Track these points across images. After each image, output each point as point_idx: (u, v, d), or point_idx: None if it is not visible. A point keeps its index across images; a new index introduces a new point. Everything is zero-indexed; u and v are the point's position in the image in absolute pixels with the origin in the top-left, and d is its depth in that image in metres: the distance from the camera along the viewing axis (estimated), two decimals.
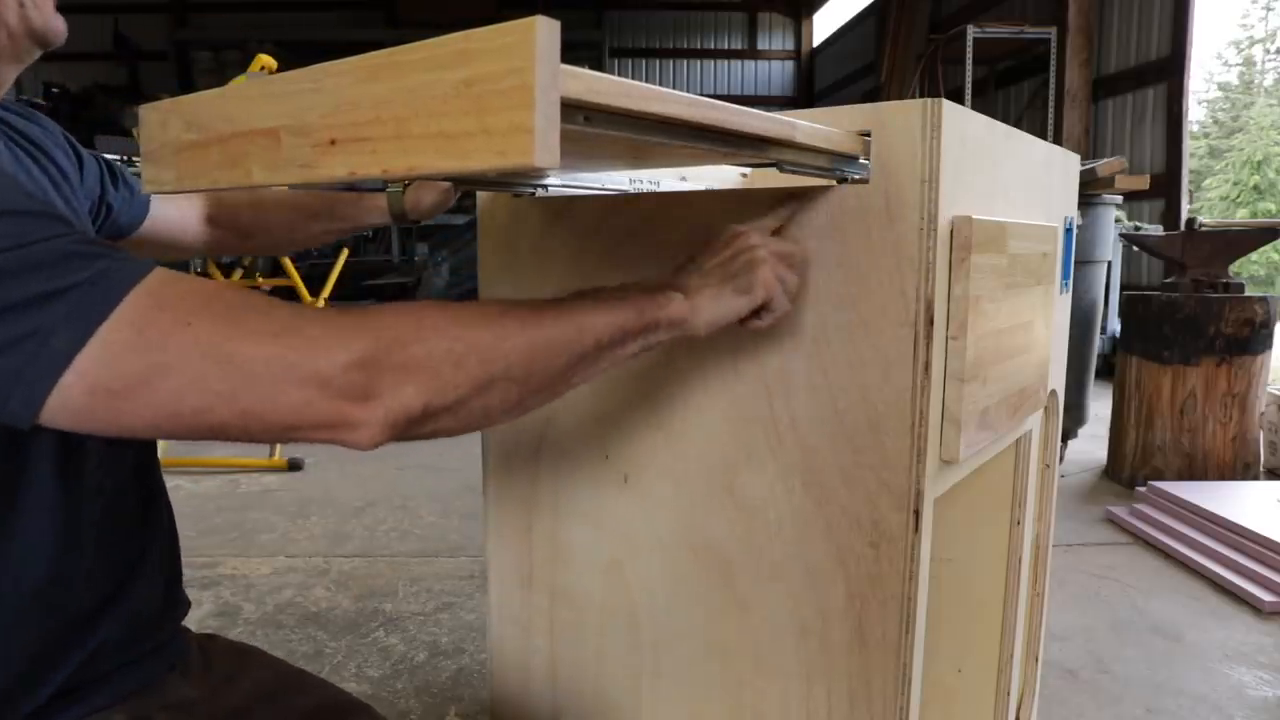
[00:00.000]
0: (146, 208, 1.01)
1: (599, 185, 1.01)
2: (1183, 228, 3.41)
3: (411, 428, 0.55)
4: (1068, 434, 3.47)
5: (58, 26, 0.77)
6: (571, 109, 0.46)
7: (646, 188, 1.05)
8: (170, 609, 0.86)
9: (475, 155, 0.45)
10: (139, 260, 0.55)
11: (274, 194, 1.11)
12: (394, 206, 1.08)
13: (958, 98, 5.27)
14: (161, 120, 0.67)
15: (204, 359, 0.51)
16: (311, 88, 0.54)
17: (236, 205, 1.09)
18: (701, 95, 0.54)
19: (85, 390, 0.50)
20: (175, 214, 1.04)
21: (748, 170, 1.15)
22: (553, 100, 0.43)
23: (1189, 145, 5.56)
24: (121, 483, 0.79)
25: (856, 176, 0.74)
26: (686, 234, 0.84)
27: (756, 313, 0.72)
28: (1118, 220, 4.14)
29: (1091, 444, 3.68)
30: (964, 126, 0.76)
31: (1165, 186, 5.38)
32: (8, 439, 0.67)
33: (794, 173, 0.71)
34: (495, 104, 0.44)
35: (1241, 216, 13.25)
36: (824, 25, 11.40)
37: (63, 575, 0.72)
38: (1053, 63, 6.11)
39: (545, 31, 0.42)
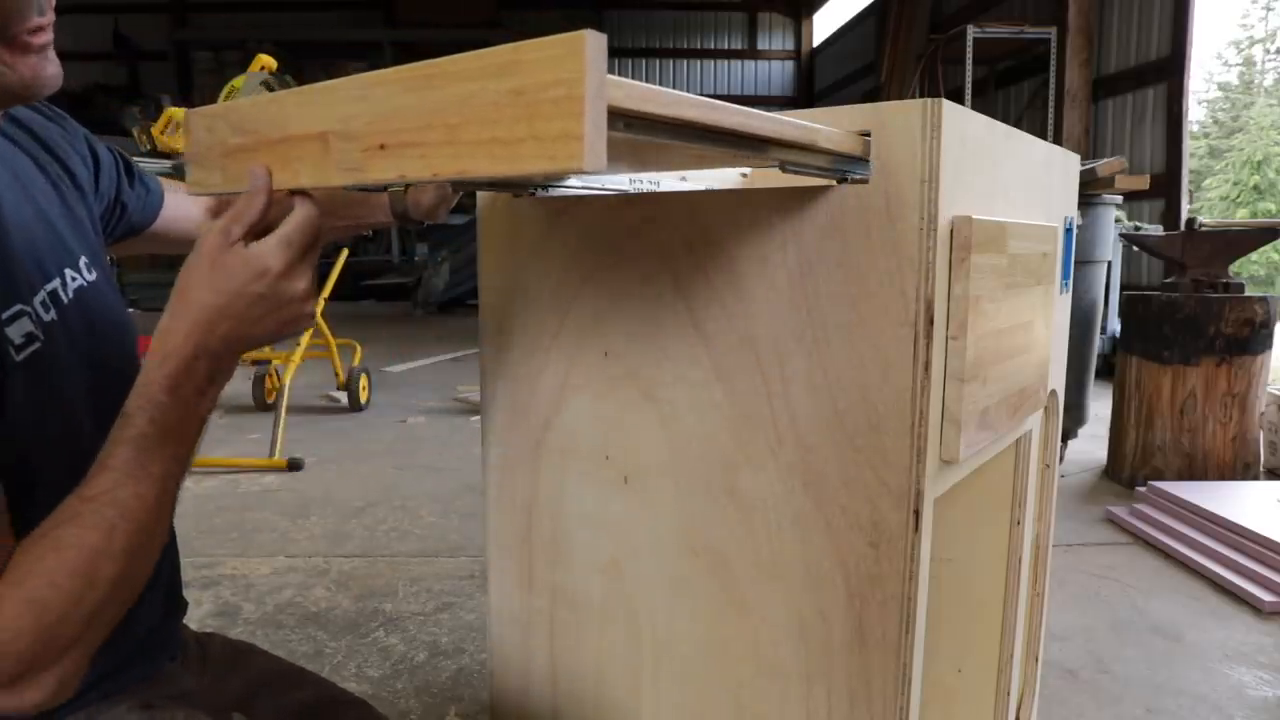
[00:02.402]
0: (160, 204, 1.01)
1: (599, 185, 1.01)
2: (1183, 228, 3.41)
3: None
4: (1068, 434, 3.47)
5: (44, 80, 0.69)
6: (613, 116, 0.48)
7: (646, 188, 1.05)
8: (170, 609, 0.87)
9: (525, 160, 0.47)
10: None
11: (278, 192, 1.11)
12: (395, 205, 1.08)
13: (958, 98, 5.27)
14: (208, 125, 0.70)
15: None
16: (359, 95, 0.56)
17: None
18: (702, 95, 0.54)
19: None
20: (185, 211, 1.05)
21: (748, 170, 1.15)
22: (600, 108, 0.45)
23: (1189, 145, 5.56)
24: None
25: (856, 176, 0.74)
26: (686, 234, 0.84)
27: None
28: (1118, 220, 4.14)
29: (1091, 444, 3.68)
30: (964, 126, 0.76)
31: (1165, 186, 5.38)
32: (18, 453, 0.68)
33: (797, 173, 0.71)
34: (546, 112, 0.46)
35: (1241, 216, 13.25)
36: (824, 25, 11.40)
37: None
38: (1053, 63, 6.11)
39: (594, 44, 0.45)
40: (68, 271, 0.77)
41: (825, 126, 0.69)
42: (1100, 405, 3.63)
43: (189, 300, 0.66)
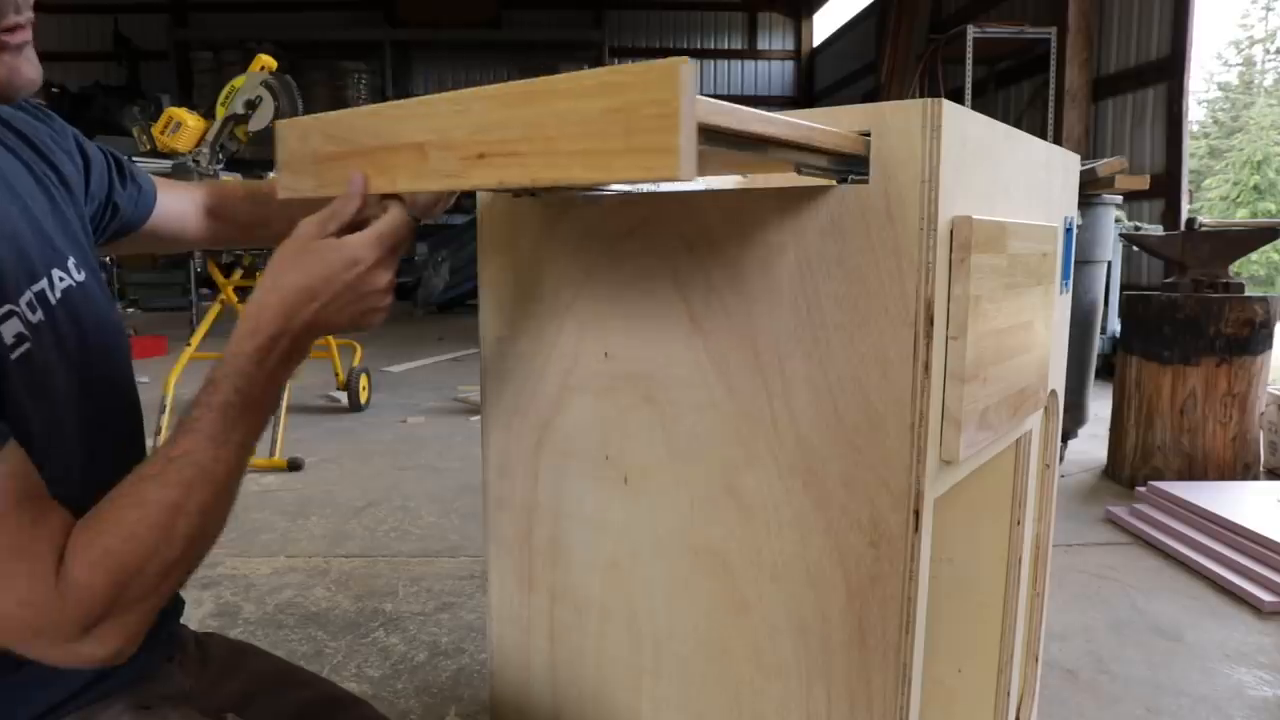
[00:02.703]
0: (153, 203, 1.00)
1: (599, 185, 1.01)
2: (1183, 228, 3.41)
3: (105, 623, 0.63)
4: (1068, 434, 3.47)
5: (21, 80, 0.69)
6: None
7: (647, 188, 1.05)
8: (167, 607, 0.86)
9: (621, 170, 0.54)
10: None
11: (271, 186, 1.11)
12: None
13: (958, 98, 5.27)
14: (301, 134, 0.76)
15: None
16: (458, 109, 0.62)
17: (236, 198, 1.08)
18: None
19: None
20: (178, 209, 1.04)
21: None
22: (692, 125, 0.52)
23: (1189, 145, 5.56)
24: (117, 469, 0.79)
25: (857, 176, 0.74)
26: (686, 234, 0.84)
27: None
28: (1118, 220, 4.14)
29: (1091, 444, 3.68)
30: (964, 126, 0.76)
31: (1165, 186, 5.37)
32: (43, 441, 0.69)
33: (810, 174, 0.72)
34: (643, 127, 0.52)
35: (1241, 216, 13.24)
36: (824, 25, 11.39)
37: None
38: (1053, 63, 6.11)
39: (687, 70, 0.52)
40: (55, 272, 0.76)
41: (825, 126, 0.69)
42: (1100, 405, 3.63)
43: (281, 282, 0.70)
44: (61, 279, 0.77)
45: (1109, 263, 3.78)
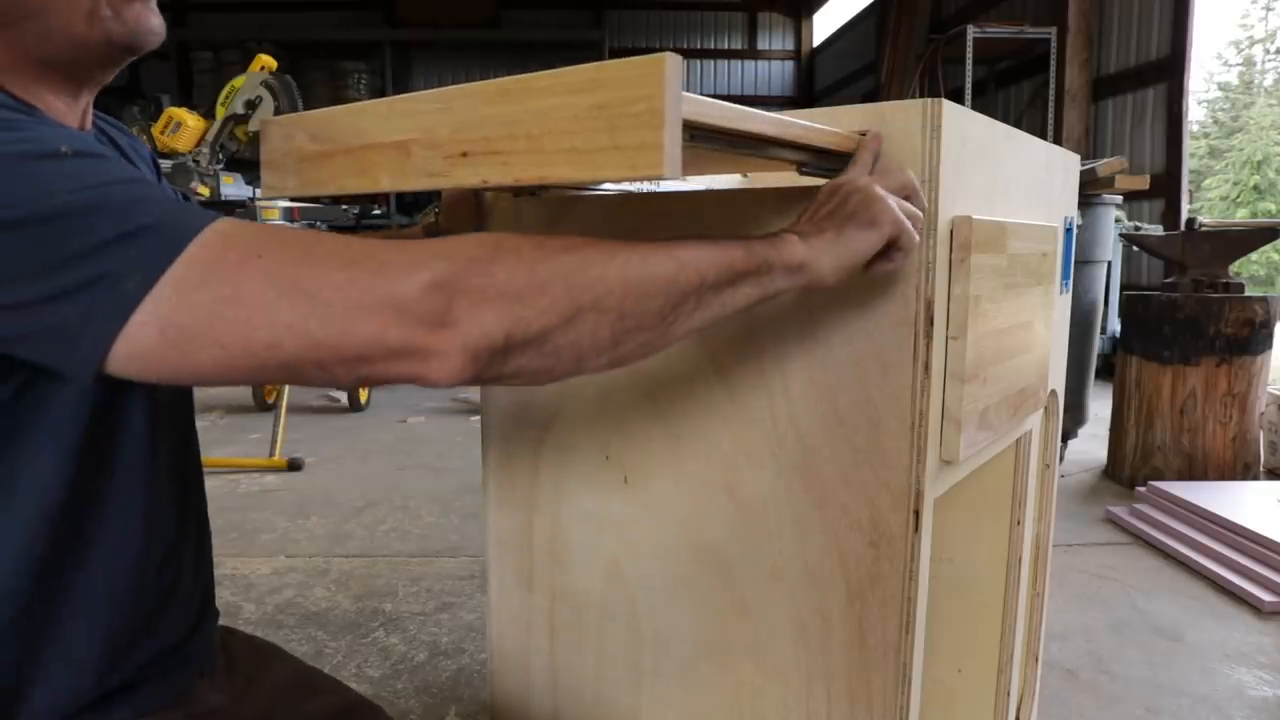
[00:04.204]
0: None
1: (599, 185, 1.01)
2: (1183, 228, 3.41)
3: (494, 361, 0.51)
4: (1068, 434, 3.47)
5: (147, 29, 0.67)
6: (684, 128, 0.53)
7: (647, 188, 1.05)
8: (205, 613, 0.85)
9: (605, 168, 0.52)
10: (205, 210, 0.54)
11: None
12: (431, 235, 1.05)
13: (958, 98, 5.27)
14: (285, 133, 0.75)
15: (273, 288, 0.49)
16: (441, 107, 0.61)
17: None
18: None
19: (156, 330, 0.49)
20: None
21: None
22: (677, 122, 0.51)
23: (1189, 145, 5.56)
24: (176, 475, 0.78)
25: None
26: (686, 234, 0.84)
27: (885, 252, 0.67)
28: (1118, 220, 4.14)
29: (1091, 444, 3.68)
30: (964, 126, 0.76)
31: (1165, 186, 5.37)
32: (102, 419, 0.66)
33: (812, 174, 0.72)
34: (627, 124, 0.51)
35: (1241, 216, 13.24)
36: (824, 25, 11.39)
37: (133, 563, 0.71)
38: (1053, 63, 6.11)
39: (672, 65, 0.50)
40: None
41: (825, 126, 0.69)
42: (1100, 405, 3.63)
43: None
44: None
45: (1109, 263, 3.78)
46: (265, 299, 0.49)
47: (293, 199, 3.85)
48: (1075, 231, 1.25)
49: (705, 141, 0.57)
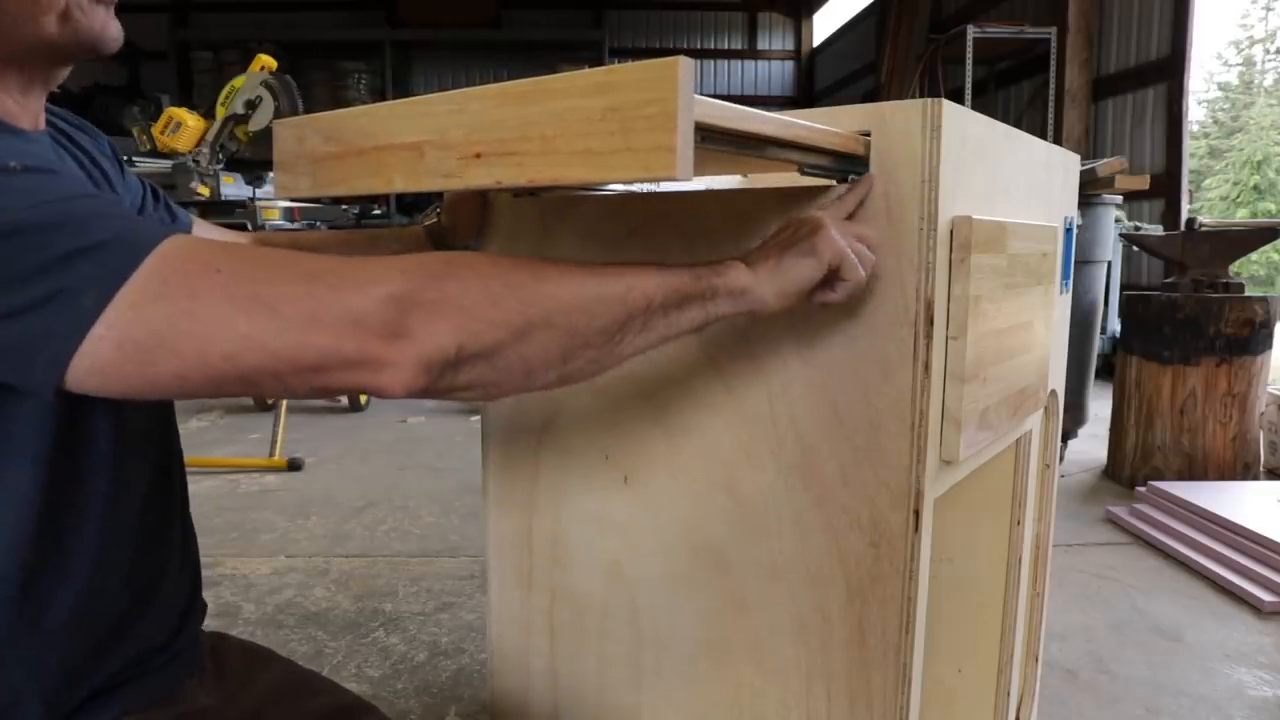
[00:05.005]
0: (187, 234, 0.99)
1: (597, 185, 1.01)
2: (1183, 228, 3.41)
3: (446, 373, 0.53)
4: (1068, 434, 3.47)
5: (111, 34, 0.70)
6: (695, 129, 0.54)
7: (647, 188, 1.05)
8: (191, 610, 0.86)
9: (619, 169, 0.53)
10: (161, 225, 0.55)
11: (315, 236, 1.09)
12: (434, 235, 1.04)
13: (958, 98, 5.27)
14: (298, 135, 0.76)
15: (231, 302, 0.51)
16: (454, 109, 0.62)
17: (279, 247, 1.06)
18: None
19: (114, 344, 0.49)
20: None
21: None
22: (689, 124, 0.52)
23: (1189, 145, 5.56)
24: (153, 479, 0.78)
25: (856, 176, 0.74)
26: (686, 234, 0.84)
27: (829, 282, 0.70)
28: (1118, 220, 4.14)
29: (1091, 444, 3.68)
30: (964, 126, 0.76)
31: (1165, 186, 5.37)
32: (69, 428, 0.66)
33: (812, 174, 0.72)
34: (640, 126, 0.52)
35: (1241, 216, 13.23)
36: (824, 25, 11.38)
37: (107, 569, 0.72)
38: (1053, 63, 6.11)
39: (685, 69, 0.51)
40: None
41: (825, 126, 0.69)
42: (1100, 405, 3.63)
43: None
44: None
45: (1109, 263, 3.78)
46: (223, 312, 0.50)
47: (305, 199, 3.85)
48: (1075, 231, 1.25)
49: (714, 143, 0.58)
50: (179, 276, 0.51)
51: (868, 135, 0.73)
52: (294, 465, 3.47)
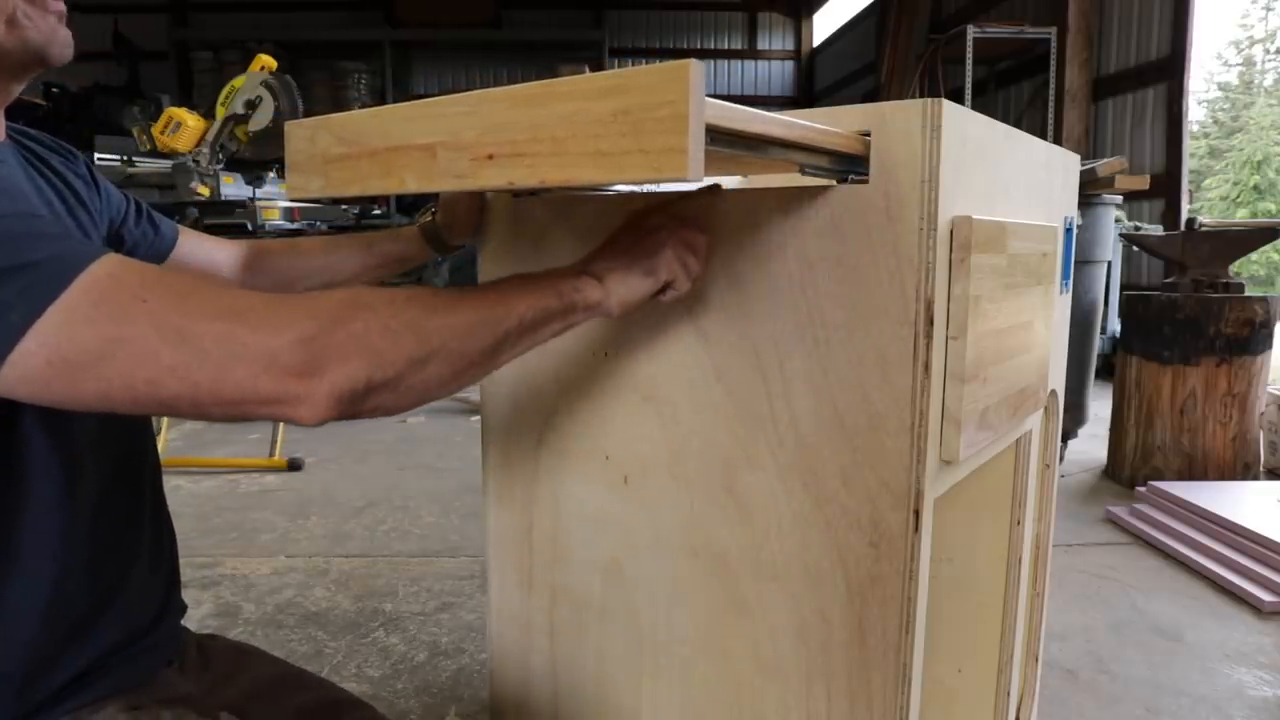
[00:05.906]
0: (171, 247, 1.00)
1: (606, 186, 1.01)
2: (1183, 228, 3.41)
3: (355, 403, 0.58)
4: (1068, 434, 3.47)
5: (60, 41, 0.72)
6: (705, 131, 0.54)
7: (648, 188, 1.05)
8: (167, 608, 0.87)
9: (630, 170, 0.54)
10: (94, 245, 0.58)
11: (308, 241, 1.10)
12: (429, 234, 1.05)
13: (958, 98, 5.27)
14: (310, 135, 0.77)
15: (158, 334, 0.54)
16: (467, 111, 0.63)
17: (276, 253, 1.07)
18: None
19: (44, 360, 0.53)
20: (207, 259, 1.03)
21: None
22: (700, 126, 0.53)
23: (1189, 145, 5.56)
24: (116, 481, 0.80)
25: (857, 176, 0.74)
26: None
27: (661, 290, 0.78)
28: (1118, 220, 4.14)
29: (1091, 444, 3.68)
30: (964, 126, 0.76)
31: (1165, 186, 5.37)
32: (7, 438, 0.67)
33: (812, 174, 0.72)
34: (651, 128, 0.53)
35: (1241, 216, 13.23)
36: (824, 25, 11.38)
37: (67, 569, 0.73)
38: (1053, 63, 6.11)
39: (696, 71, 0.52)
40: None
41: (825, 126, 0.69)
42: (1100, 405, 3.63)
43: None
44: None
45: (1109, 263, 3.78)
46: (150, 343, 0.54)
47: (317, 199, 3.84)
48: (1075, 231, 1.25)
49: (722, 144, 0.59)
50: (108, 302, 0.54)
51: (868, 135, 0.73)
52: (294, 465, 3.47)
